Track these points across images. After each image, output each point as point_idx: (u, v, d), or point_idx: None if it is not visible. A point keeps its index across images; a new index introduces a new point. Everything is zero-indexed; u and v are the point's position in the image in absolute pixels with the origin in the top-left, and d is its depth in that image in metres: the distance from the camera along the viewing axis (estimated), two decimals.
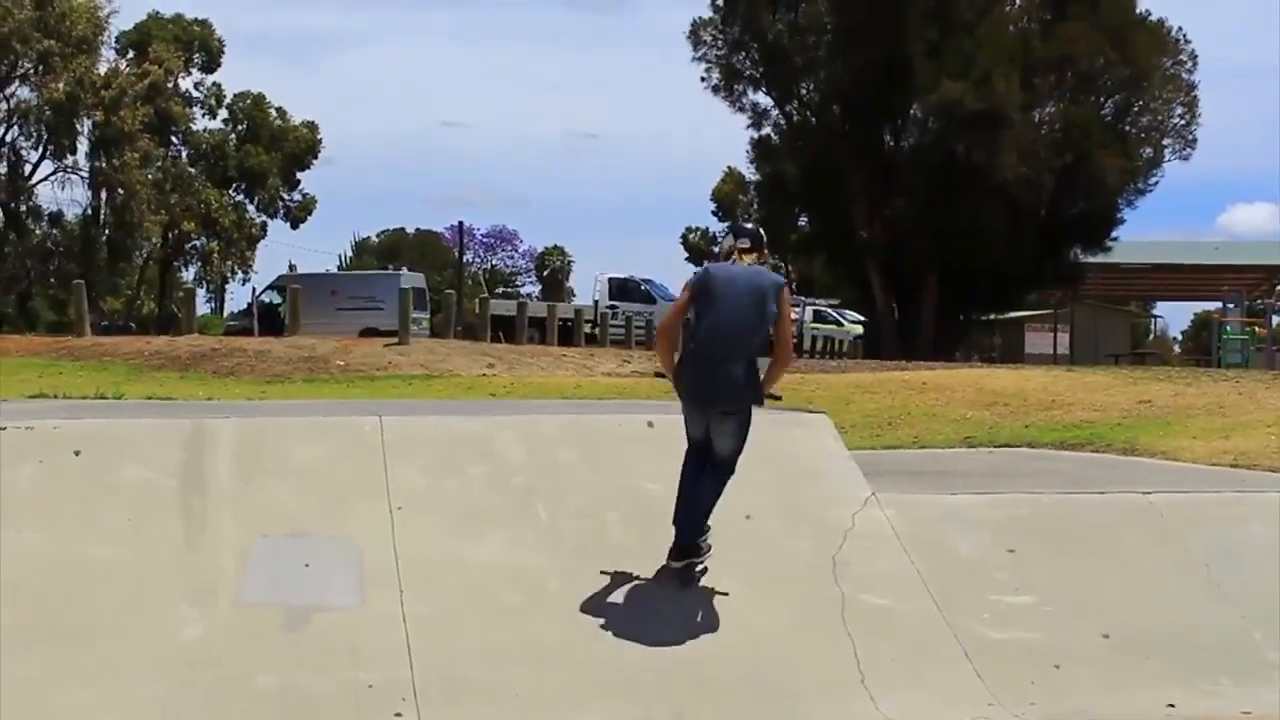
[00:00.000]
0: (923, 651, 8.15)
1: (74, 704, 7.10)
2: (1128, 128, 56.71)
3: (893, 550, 8.75)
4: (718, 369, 8.30)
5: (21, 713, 7.01)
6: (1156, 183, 57.69)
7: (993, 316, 63.36)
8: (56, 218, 67.81)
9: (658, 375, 9.75)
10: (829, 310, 59.98)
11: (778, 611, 8.25)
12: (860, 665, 7.94)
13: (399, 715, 7.22)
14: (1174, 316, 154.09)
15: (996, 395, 20.70)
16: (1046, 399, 19.94)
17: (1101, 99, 56.58)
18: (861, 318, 58.73)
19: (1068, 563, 8.96)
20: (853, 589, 8.41)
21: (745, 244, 8.73)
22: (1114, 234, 57.83)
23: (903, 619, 8.33)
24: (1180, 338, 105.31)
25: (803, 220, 64.10)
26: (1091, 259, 57.74)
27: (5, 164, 66.66)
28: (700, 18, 58.00)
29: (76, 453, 8.30)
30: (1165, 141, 57.44)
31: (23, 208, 66.91)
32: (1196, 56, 56.90)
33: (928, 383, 23.08)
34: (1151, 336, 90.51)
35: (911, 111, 56.03)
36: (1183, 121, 57.25)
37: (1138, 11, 56.09)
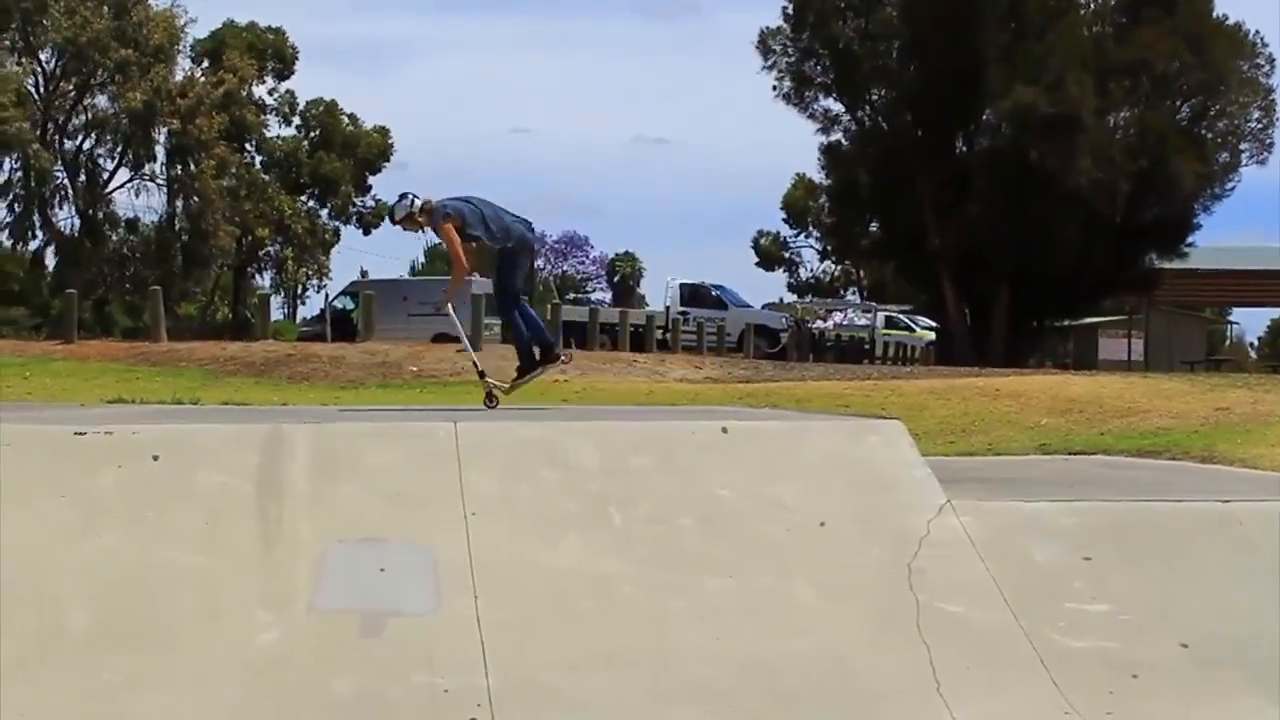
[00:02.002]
0: (999, 660, 8.09)
1: (152, 709, 7.17)
2: (1204, 132, 56.24)
3: (968, 558, 8.68)
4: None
5: (101, 717, 7.09)
6: (1233, 187, 57.32)
7: (1067, 322, 62.93)
8: (133, 224, 68.46)
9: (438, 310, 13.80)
10: (900, 316, 59.79)
11: (852, 619, 8.21)
12: (936, 673, 7.89)
13: None
14: (1251, 322, 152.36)
15: (1071, 402, 20.57)
16: (1122, 406, 19.80)
17: (1177, 103, 56.14)
18: (933, 324, 58.50)
19: (1145, 571, 8.87)
20: (928, 597, 8.36)
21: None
22: (1190, 239, 57.43)
23: (978, 627, 8.27)
24: (1256, 344, 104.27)
25: (874, 226, 63.87)
26: (1167, 264, 57.29)
27: (83, 172, 67.38)
28: (768, 27, 57.98)
29: (155, 457, 8.35)
30: (1242, 146, 56.98)
31: (100, 215, 67.58)
32: (1274, 60, 56.44)
33: (1001, 389, 22.96)
34: (1228, 343, 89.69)
35: (984, 117, 55.84)
36: (1260, 125, 56.78)
37: (1215, 15, 55.59)
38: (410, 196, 12.42)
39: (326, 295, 58.46)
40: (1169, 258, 56.93)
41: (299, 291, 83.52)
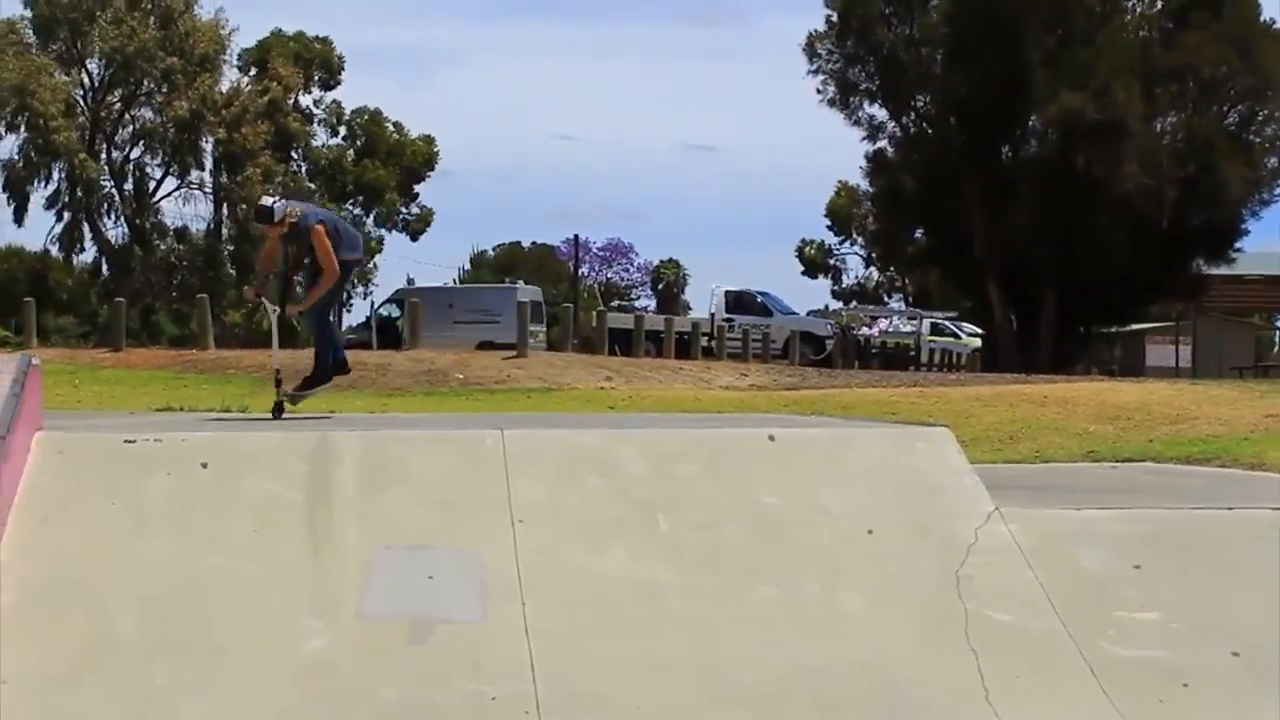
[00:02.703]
0: (1048, 668, 8.06)
1: (201, 714, 7.20)
2: (1252, 137, 55.85)
3: (1017, 566, 8.65)
4: None
5: None
6: None
7: (1113, 329, 62.60)
8: (181, 233, 68.92)
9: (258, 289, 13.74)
10: (946, 323, 59.59)
11: (900, 626, 8.19)
12: (984, 681, 7.86)
13: None
14: None
15: (1119, 409, 20.46)
16: (1171, 413, 19.69)
17: (1225, 108, 55.79)
18: (979, 330, 58.29)
19: (1195, 579, 8.82)
20: (976, 604, 8.33)
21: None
22: (1238, 245, 57.01)
23: (1027, 635, 8.24)
24: None
25: (919, 233, 63.67)
26: (1214, 270, 56.94)
27: (131, 181, 67.90)
28: (815, 31, 57.87)
29: (204, 465, 8.40)
30: None
31: (147, 223, 68.07)
32: None
33: (1049, 396, 22.87)
34: (1276, 349, 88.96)
35: (1030, 123, 55.60)
36: None
37: (1262, 19, 55.24)
38: (284, 200, 12.62)
39: (372, 303, 58.65)
40: (1217, 263, 56.57)
41: (344, 299, 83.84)
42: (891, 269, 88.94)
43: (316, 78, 74.14)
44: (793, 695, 7.67)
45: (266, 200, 12.53)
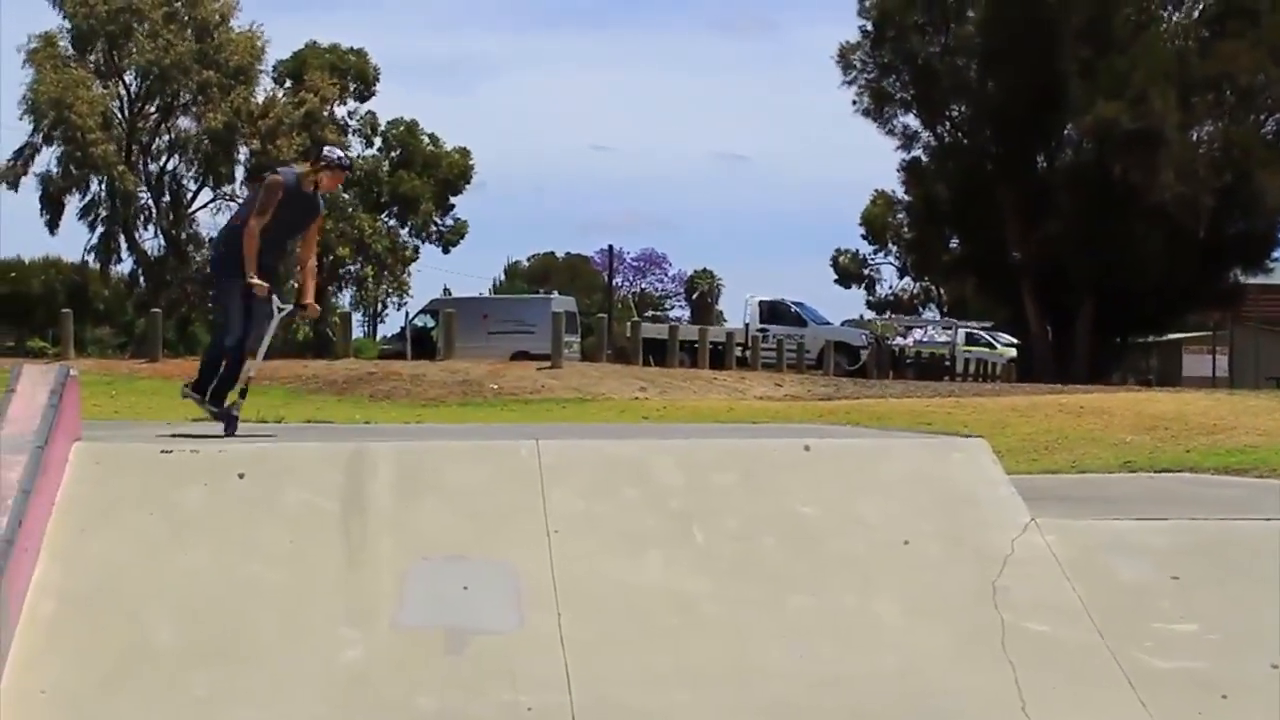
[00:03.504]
0: (1085, 679, 8.01)
1: None
2: None
3: (1053, 576, 8.61)
4: None
5: None
6: None
7: (1150, 338, 62.38)
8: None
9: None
10: (981, 333, 59.45)
11: (936, 637, 8.16)
12: (1021, 693, 7.82)
13: None
14: None
15: (1156, 419, 20.38)
16: (1208, 423, 19.59)
17: (1262, 117, 55.59)
18: (1014, 340, 58.15)
19: (1233, 590, 8.75)
20: (1013, 615, 8.29)
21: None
22: (1275, 254, 56.86)
23: (1064, 646, 8.19)
24: None
25: (954, 242, 63.56)
26: (1252, 279, 56.72)
27: (167, 193, 68.22)
28: (848, 41, 57.87)
29: (240, 475, 8.43)
30: None
31: (183, 235, 68.39)
32: None
33: (1085, 406, 22.79)
34: None
35: (1066, 131, 55.49)
36: None
37: None
38: None
39: (407, 313, 58.86)
40: (1254, 273, 56.39)
41: (379, 310, 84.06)
42: (926, 278, 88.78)
43: (352, 89, 74.31)
44: (828, 706, 7.65)
45: (346, 154, 11.13)
